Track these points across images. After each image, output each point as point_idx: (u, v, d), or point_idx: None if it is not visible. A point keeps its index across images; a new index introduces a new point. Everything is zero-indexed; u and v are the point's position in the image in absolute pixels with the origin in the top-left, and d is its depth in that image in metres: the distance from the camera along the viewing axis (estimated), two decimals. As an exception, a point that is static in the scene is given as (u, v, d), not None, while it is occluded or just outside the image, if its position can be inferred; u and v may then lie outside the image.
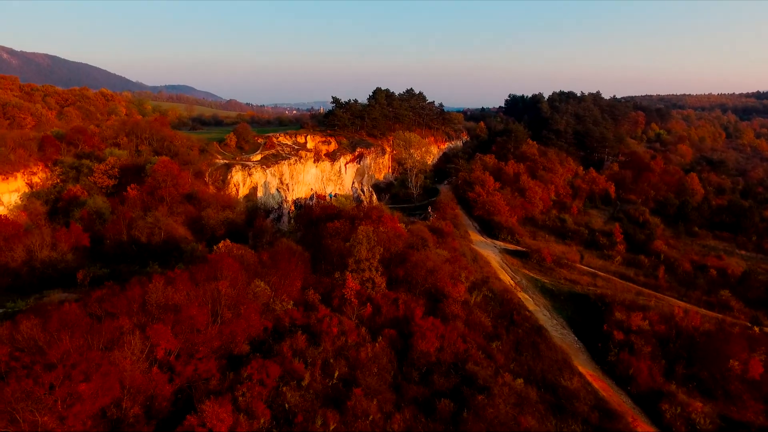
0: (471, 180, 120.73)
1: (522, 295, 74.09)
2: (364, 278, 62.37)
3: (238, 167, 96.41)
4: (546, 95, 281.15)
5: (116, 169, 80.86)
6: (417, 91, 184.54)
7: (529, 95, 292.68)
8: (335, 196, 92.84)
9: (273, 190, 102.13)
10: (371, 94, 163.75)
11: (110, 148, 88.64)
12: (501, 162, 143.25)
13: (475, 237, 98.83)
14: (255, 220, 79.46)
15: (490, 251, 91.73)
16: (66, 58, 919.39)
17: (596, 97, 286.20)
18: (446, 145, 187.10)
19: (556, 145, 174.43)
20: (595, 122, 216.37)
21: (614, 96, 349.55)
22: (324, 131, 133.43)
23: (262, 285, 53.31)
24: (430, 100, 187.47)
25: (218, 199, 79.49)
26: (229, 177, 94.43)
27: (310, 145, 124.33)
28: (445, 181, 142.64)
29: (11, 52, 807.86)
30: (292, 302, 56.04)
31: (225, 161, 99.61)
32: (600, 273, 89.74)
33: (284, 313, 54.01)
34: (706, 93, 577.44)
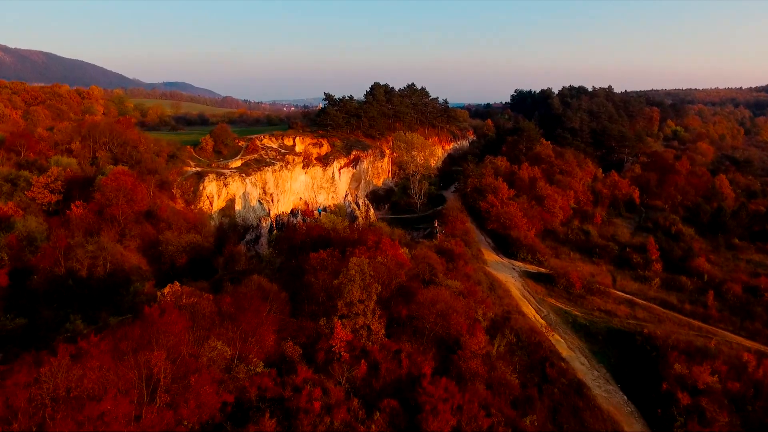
0: (482, 187, 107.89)
1: (552, 336, 61.30)
2: (357, 325, 49.70)
3: (211, 176, 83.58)
4: (545, 90, 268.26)
5: (60, 182, 67.96)
6: (419, 87, 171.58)
7: (537, 90, 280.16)
8: (325, 210, 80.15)
9: (254, 202, 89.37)
10: (368, 89, 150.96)
11: (58, 156, 75.73)
12: (514, 165, 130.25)
13: (490, 256, 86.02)
14: (227, 244, 66.78)
15: (508, 275, 78.93)
16: (62, 55, 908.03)
17: (608, 92, 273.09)
18: (451, 146, 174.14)
19: (571, 145, 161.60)
20: (611, 119, 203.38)
21: (626, 90, 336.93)
22: (315, 132, 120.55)
23: (219, 346, 40.57)
24: (432, 96, 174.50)
25: (182, 217, 66.63)
26: (201, 188, 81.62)
27: (299, 148, 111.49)
28: (452, 187, 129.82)
29: (5, 49, 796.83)
30: (261, 364, 43.40)
31: (198, 169, 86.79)
32: (638, 300, 77.11)
33: (251, 381, 41.31)
34: (713, 87, 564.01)
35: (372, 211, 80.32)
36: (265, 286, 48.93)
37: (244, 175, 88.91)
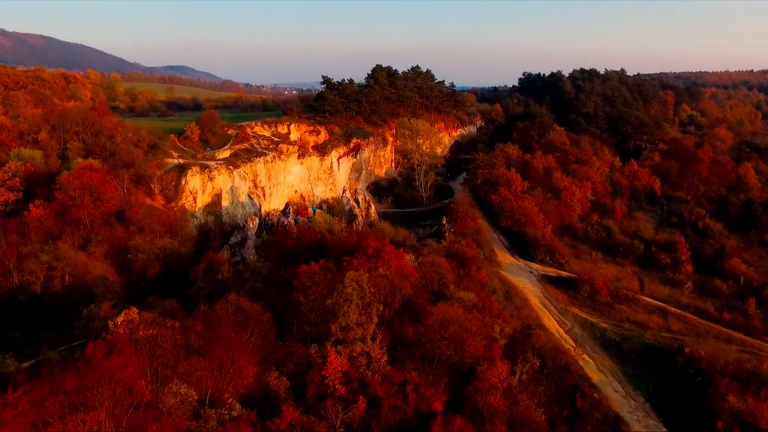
0: (493, 179, 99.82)
1: (580, 356, 53.75)
2: (354, 352, 42.24)
3: (195, 169, 75.73)
4: (555, 73, 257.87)
5: (18, 179, 60.21)
6: (424, 69, 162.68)
7: (546, 73, 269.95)
8: (321, 208, 72.36)
9: (243, 197, 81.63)
10: (370, 72, 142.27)
11: (20, 148, 67.89)
12: (526, 154, 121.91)
13: (504, 258, 78.32)
14: (208, 249, 59.31)
15: (525, 280, 71.30)
16: (61, 39, 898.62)
17: (621, 75, 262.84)
18: (458, 132, 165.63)
19: (586, 131, 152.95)
20: (626, 103, 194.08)
21: (638, 73, 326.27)
22: (312, 118, 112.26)
23: (183, 389, 33.16)
24: (438, 79, 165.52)
25: (156, 219, 58.90)
26: (183, 182, 73.86)
27: (294, 137, 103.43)
28: (460, 178, 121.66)
29: (3, 33, 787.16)
30: (238, 405, 36.08)
31: (180, 161, 78.99)
32: (670, 308, 69.53)
33: (224, 429, 34.09)
34: (724, 70, 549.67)
35: (373, 208, 72.58)
36: (245, 306, 41.40)
37: (231, 167, 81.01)
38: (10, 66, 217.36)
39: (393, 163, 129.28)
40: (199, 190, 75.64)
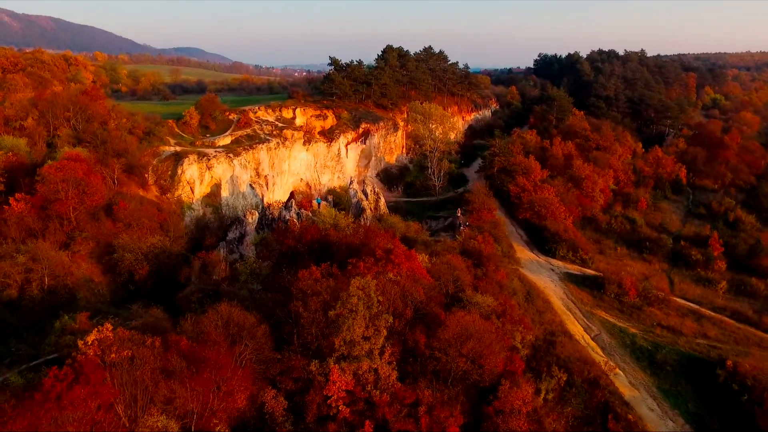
0: (511, 167, 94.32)
1: (610, 367, 48.86)
2: (360, 370, 37.71)
3: (192, 157, 71.04)
4: (572, 54, 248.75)
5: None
6: (436, 50, 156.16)
7: (563, 54, 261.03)
8: (326, 200, 67.45)
9: (244, 187, 76.96)
10: (380, 53, 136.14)
11: (3, 135, 63.52)
12: (545, 140, 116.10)
13: (523, 254, 73.26)
14: (203, 246, 54.92)
15: (547, 279, 66.32)
16: (70, 20, 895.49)
17: (641, 56, 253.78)
18: (472, 116, 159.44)
19: (606, 115, 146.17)
20: (648, 86, 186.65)
21: (659, 54, 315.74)
22: (319, 102, 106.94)
23: (162, 422, 28.79)
24: (451, 60, 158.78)
25: (146, 214, 54.29)
26: (179, 172, 69.29)
27: (299, 121, 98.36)
28: (474, 165, 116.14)
29: (12, 14, 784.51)
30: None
31: (177, 148, 74.33)
32: (705, 311, 64.42)
33: (210, 464, 29.84)
34: (745, 51, 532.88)
35: (382, 200, 67.63)
36: (237, 319, 36.84)
37: (232, 155, 76.17)
38: (19, 48, 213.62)
39: (404, 149, 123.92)
40: (196, 179, 71.07)
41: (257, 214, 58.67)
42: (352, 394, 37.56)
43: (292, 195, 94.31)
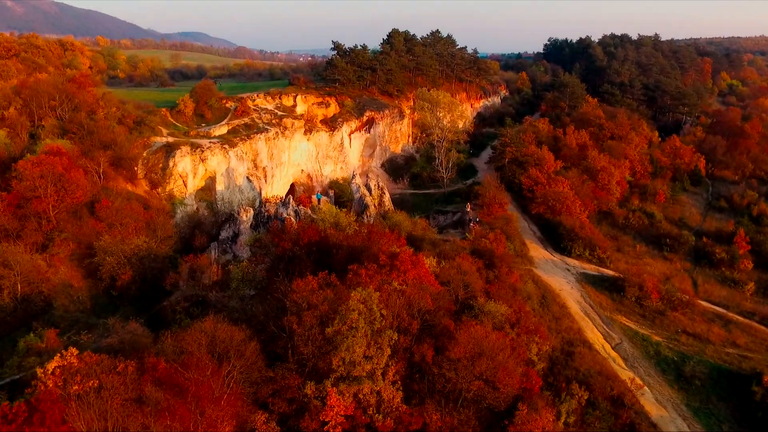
0: (523, 158, 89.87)
1: (634, 382, 44.94)
2: (361, 392, 33.99)
3: (184, 149, 67.02)
4: (583, 38, 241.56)
5: (-26, 164, 52.29)
6: (444, 34, 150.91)
7: (573, 39, 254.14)
8: (326, 195, 63.34)
9: (240, 180, 72.97)
10: (385, 38, 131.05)
11: (-18, 125, 59.81)
12: (558, 129, 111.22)
13: (537, 252, 69.17)
14: (193, 246, 51.17)
15: (562, 280, 62.24)
16: (74, 5, 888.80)
17: (656, 40, 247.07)
18: (481, 103, 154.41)
19: (621, 103, 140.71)
20: (663, 72, 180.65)
21: (672, 39, 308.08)
22: (321, 89, 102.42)
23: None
24: (459, 45, 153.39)
25: (131, 213, 50.37)
26: (171, 165, 65.37)
27: (300, 109, 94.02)
28: (484, 155, 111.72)
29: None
30: (211, 471, 28.08)
31: (170, 139, 70.33)
32: (732, 316, 60.29)
33: None
34: (759, 35, 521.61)
35: (387, 195, 63.52)
36: (223, 336, 33.07)
37: (227, 146, 72.04)
38: (20, 33, 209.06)
39: (410, 138, 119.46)
40: (189, 173, 67.12)
41: (252, 212, 54.76)
42: (351, 419, 33.93)
43: (292, 187, 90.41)
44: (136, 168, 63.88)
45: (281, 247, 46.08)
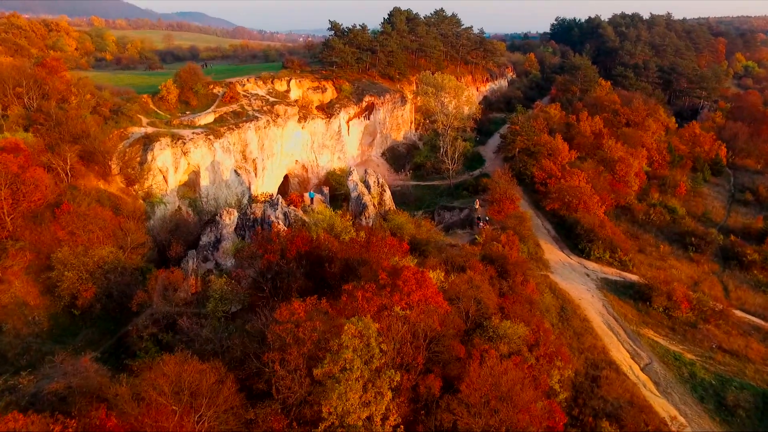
0: (535, 148, 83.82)
1: (668, 414, 39.58)
2: (357, 445, 28.56)
3: (164, 140, 60.96)
4: (592, 18, 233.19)
5: None
6: (449, 13, 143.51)
7: (582, 18, 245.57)
8: (321, 193, 57.32)
9: (227, 175, 67.03)
10: (386, 17, 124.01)
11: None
12: (571, 115, 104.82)
13: (552, 253, 63.49)
14: (169, 254, 45.61)
15: (582, 287, 56.67)
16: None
17: (668, 20, 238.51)
18: (487, 86, 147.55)
19: (636, 86, 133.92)
20: (678, 53, 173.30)
21: (684, 18, 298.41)
22: (317, 72, 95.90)
23: None
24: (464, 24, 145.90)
25: (94, 218, 44.49)
26: (149, 158, 59.44)
27: (294, 95, 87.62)
28: (491, 143, 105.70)
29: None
30: None
31: (150, 129, 64.25)
32: (770, 327, 54.63)
33: None
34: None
35: (388, 193, 57.62)
36: (190, 379, 27.55)
37: (212, 137, 65.86)
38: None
39: (413, 124, 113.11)
40: (170, 167, 61.14)
41: (236, 213, 49.00)
42: (346, 477, 28.72)
43: (286, 179, 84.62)
44: (110, 163, 57.86)
45: (267, 257, 40.43)
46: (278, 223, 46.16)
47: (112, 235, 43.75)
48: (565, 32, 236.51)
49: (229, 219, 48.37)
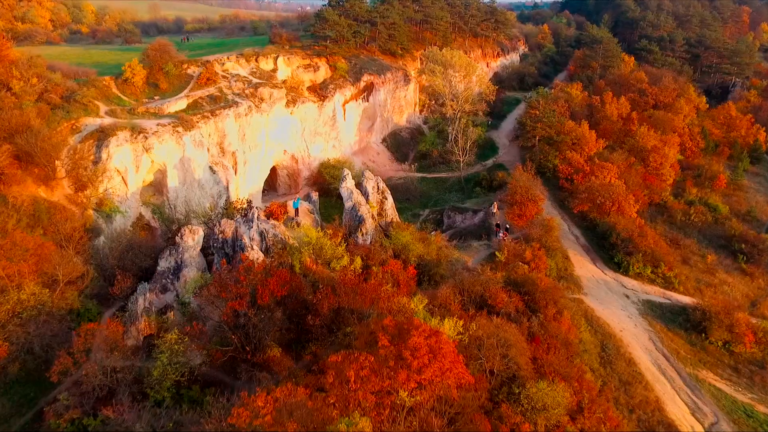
0: (558, 137, 74.19)
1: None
2: None
3: (122, 135, 51.34)
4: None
5: None
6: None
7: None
8: (308, 200, 47.82)
9: (200, 173, 57.55)
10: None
11: None
12: (594, 97, 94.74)
13: (583, 268, 54.44)
14: (114, 292, 36.71)
15: (622, 314, 47.81)
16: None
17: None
18: (498, 61, 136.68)
19: (662, 62, 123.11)
20: (704, 24, 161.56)
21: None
22: (309, 48, 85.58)
23: None
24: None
25: (17, 242, 35.17)
26: (104, 156, 50.02)
27: (283, 75, 77.56)
28: (504, 126, 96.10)
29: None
30: None
31: (108, 120, 54.69)
32: None
33: None
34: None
35: (390, 201, 48.21)
36: None
37: (180, 128, 56.23)
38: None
39: (417, 106, 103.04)
40: (130, 166, 51.72)
41: (201, 232, 39.96)
42: None
43: (273, 172, 75.36)
44: (55, 163, 48.42)
45: (237, 300, 31.42)
46: (252, 248, 37.03)
47: (36, 269, 34.48)
48: (580, 1, 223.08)
49: (193, 240, 39.19)
